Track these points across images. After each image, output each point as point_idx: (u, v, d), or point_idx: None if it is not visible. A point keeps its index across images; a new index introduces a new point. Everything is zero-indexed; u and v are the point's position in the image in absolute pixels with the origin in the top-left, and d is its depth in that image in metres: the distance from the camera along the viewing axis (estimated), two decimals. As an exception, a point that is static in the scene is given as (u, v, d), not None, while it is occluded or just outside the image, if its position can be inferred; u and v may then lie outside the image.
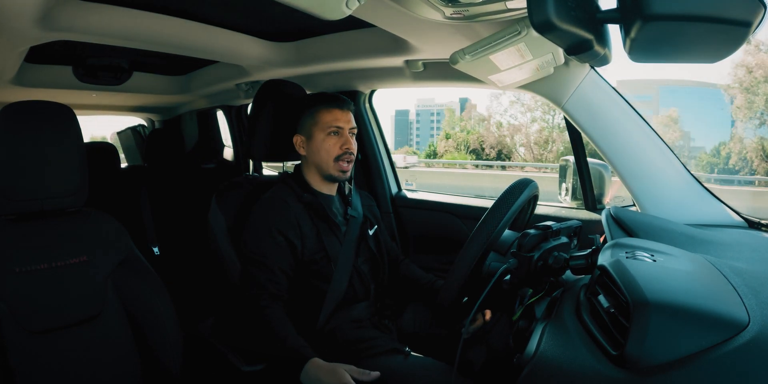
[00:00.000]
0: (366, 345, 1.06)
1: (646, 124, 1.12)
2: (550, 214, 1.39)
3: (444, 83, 1.49)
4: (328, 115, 1.16)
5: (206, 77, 2.03)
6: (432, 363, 1.02)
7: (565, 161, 1.49)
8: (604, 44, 0.69)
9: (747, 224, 1.06)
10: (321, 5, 0.65)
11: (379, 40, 1.31)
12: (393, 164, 1.84)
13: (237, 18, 1.33)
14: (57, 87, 1.85)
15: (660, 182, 1.09)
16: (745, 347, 0.48)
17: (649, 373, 0.48)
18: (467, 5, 0.83)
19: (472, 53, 0.94)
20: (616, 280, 0.59)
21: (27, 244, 0.92)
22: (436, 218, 1.67)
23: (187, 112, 2.69)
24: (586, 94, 1.12)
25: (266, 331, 0.99)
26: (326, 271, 1.13)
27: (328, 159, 1.16)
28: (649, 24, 0.53)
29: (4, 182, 0.89)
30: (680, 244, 0.79)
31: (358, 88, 1.70)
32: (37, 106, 0.94)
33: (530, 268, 0.78)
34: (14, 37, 1.08)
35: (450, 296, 0.79)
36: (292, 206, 1.14)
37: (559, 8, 0.57)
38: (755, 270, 0.69)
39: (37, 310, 0.89)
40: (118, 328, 0.97)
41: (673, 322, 0.51)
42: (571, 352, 0.58)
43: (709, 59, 0.60)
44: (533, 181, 0.86)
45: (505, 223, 0.77)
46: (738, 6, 0.51)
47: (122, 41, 1.27)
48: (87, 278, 0.95)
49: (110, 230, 1.02)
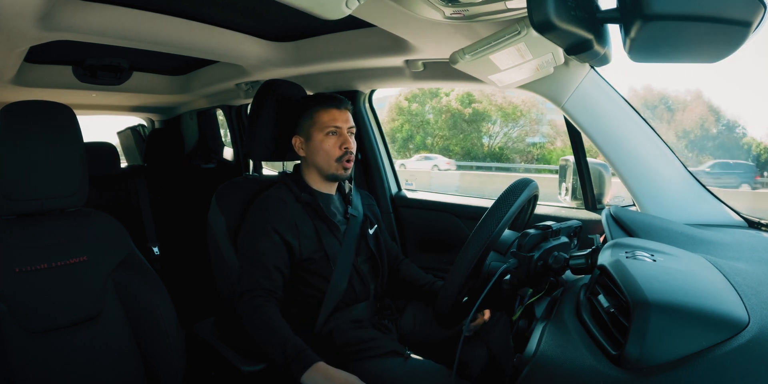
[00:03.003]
0: (365, 346, 1.05)
1: (646, 124, 1.12)
2: (550, 214, 1.39)
3: (444, 83, 1.49)
4: (326, 115, 1.16)
5: (206, 77, 2.03)
6: (432, 365, 1.01)
7: (565, 161, 1.48)
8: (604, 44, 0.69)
9: (747, 224, 1.06)
10: (321, 5, 0.65)
11: (379, 40, 1.31)
12: (393, 164, 1.84)
13: (237, 18, 1.33)
14: (57, 87, 1.85)
15: (660, 182, 1.09)
16: (745, 347, 0.48)
17: (649, 373, 0.48)
18: (467, 5, 0.83)
19: (472, 53, 0.94)
20: (616, 280, 0.59)
21: (27, 244, 0.92)
22: (436, 218, 1.67)
23: (187, 112, 2.69)
24: (586, 93, 1.12)
25: (264, 330, 0.99)
26: (325, 271, 1.13)
27: (329, 159, 1.16)
28: (649, 24, 0.53)
29: (4, 182, 0.89)
30: (680, 244, 0.79)
31: (358, 88, 1.70)
32: (37, 106, 0.94)
33: (530, 268, 0.77)
34: (14, 37, 1.08)
35: (449, 301, 0.78)
36: (290, 205, 1.14)
37: (559, 8, 0.57)
38: (755, 270, 0.69)
39: (37, 310, 0.89)
40: (118, 328, 0.97)
41: (673, 322, 0.51)
42: (571, 352, 0.58)
43: (709, 59, 0.60)
44: (533, 181, 0.85)
45: (505, 224, 0.77)
46: (738, 6, 0.51)
47: (122, 41, 1.27)
48: (87, 278, 0.95)
49: (110, 230, 1.02)
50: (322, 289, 1.13)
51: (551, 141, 16.46)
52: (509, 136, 16.73)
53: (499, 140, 16.56)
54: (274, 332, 0.98)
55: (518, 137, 16.75)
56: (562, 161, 1.53)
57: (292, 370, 0.92)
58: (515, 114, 16.47)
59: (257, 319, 1.00)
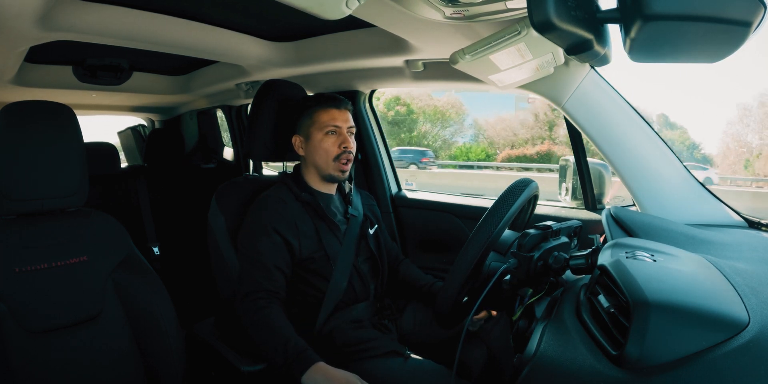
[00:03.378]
0: (365, 346, 1.05)
1: (646, 124, 1.11)
2: (550, 214, 1.39)
3: (444, 83, 1.49)
4: (326, 115, 1.17)
5: (206, 77, 2.04)
6: (432, 366, 1.01)
7: (565, 161, 1.48)
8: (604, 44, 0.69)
9: (747, 224, 1.06)
10: (321, 5, 0.65)
11: (379, 40, 1.31)
12: (393, 164, 1.84)
13: (237, 18, 1.33)
14: (57, 87, 1.85)
15: (660, 182, 1.09)
16: (745, 347, 0.48)
17: (649, 373, 0.48)
18: (467, 5, 0.83)
19: (472, 53, 0.94)
20: (616, 280, 0.59)
21: (27, 244, 0.92)
22: (436, 218, 1.67)
23: (187, 112, 2.69)
24: (586, 94, 1.12)
25: (265, 331, 0.99)
26: (325, 271, 1.13)
27: (327, 159, 1.16)
28: (649, 24, 0.53)
29: (5, 182, 0.89)
30: (680, 244, 0.79)
31: (357, 88, 1.70)
32: (37, 106, 0.94)
33: (530, 268, 0.77)
34: (14, 37, 1.08)
35: (449, 301, 0.78)
36: (290, 205, 1.14)
37: (559, 8, 0.57)
38: (755, 270, 0.69)
39: (37, 310, 0.89)
40: (118, 328, 0.97)
41: (673, 322, 0.51)
42: (571, 352, 0.58)
43: (709, 59, 0.60)
44: (533, 181, 0.85)
45: (505, 224, 0.77)
46: (738, 6, 0.51)
47: (122, 41, 1.27)
48: (87, 278, 0.95)
49: (110, 230, 1.02)
50: (322, 289, 1.13)
51: (476, 140, 19.78)
52: (426, 135, 20.00)
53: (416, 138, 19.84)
54: (275, 333, 0.98)
55: (435, 136, 20.08)
56: (562, 161, 1.53)
57: (293, 370, 0.92)
58: (435, 115, 19.81)
59: (259, 321, 1.00)
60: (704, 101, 37.32)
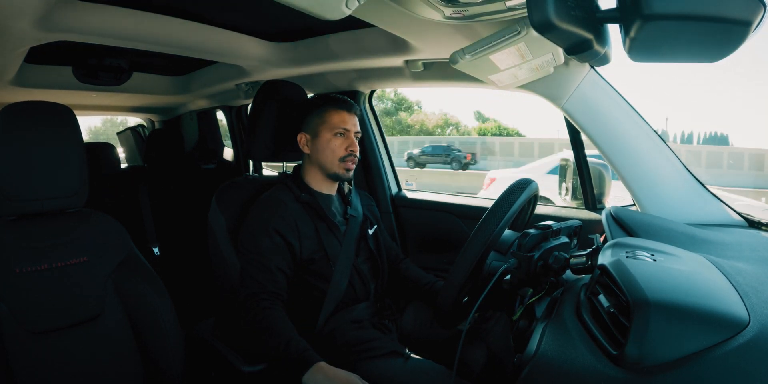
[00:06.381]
0: (366, 346, 1.05)
1: (646, 124, 1.11)
2: (550, 213, 1.39)
3: (444, 83, 1.49)
4: (337, 117, 1.17)
5: (206, 77, 2.04)
6: (432, 366, 1.01)
7: (565, 161, 1.48)
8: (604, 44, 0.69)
9: (747, 224, 1.06)
10: (321, 5, 0.65)
11: (379, 40, 1.31)
12: (393, 164, 1.84)
13: (237, 18, 1.33)
14: (57, 87, 1.85)
15: (660, 182, 1.09)
16: (746, 347, 0.48)
17: (649, 373, 0.48)
18: (467, 5, 0.83)
19: (471, 53, 0.94)
20: (617, 279, 0.59)
21: (27, 245, 0.92)
22: (436, 218, 1.67)
23: (187, 113, 2.69)
24: (586, 93, 1.12)
25: (267, 332, 0.99)
26: (325, 271, 1.13)
27: (333, 158, 1.17)
28: (648, 23, 0.53)
29: (4, 183, 0.89)
30: (680, 244, 0.79)
31: (357, 88, 1.70)
32: (37, 107, 0.94)
33: (530, 268, 0.77)
34: (14, 37, 1.08)
35: (450, 301, 0.78)
36: (290, 206, 1.14)
37: (558, 8, 0.57)
38: (755, 269, 0.69)
39: (37, 311, 0.89)
40: (119, 329, 0.97)
41: (674, 322, 0.51)
42: (571, 352, 0.58)
43: (709, 59, 0.60)
44: (533, 181, 0.85)
45: (506, 224, 0.77)
46: (738, 5, 0.51)
47: (122, 41, 1.27)
48: (87, 279, 0.95)
49: (110, 231, 1.02)
50: (322, 289, 1.13)
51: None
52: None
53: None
54: (277, 334, 0.98)
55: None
56: (562, 161, 1.53)
57: (294, 371, 0.92)
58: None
59: (262, 322, 1.00)
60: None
